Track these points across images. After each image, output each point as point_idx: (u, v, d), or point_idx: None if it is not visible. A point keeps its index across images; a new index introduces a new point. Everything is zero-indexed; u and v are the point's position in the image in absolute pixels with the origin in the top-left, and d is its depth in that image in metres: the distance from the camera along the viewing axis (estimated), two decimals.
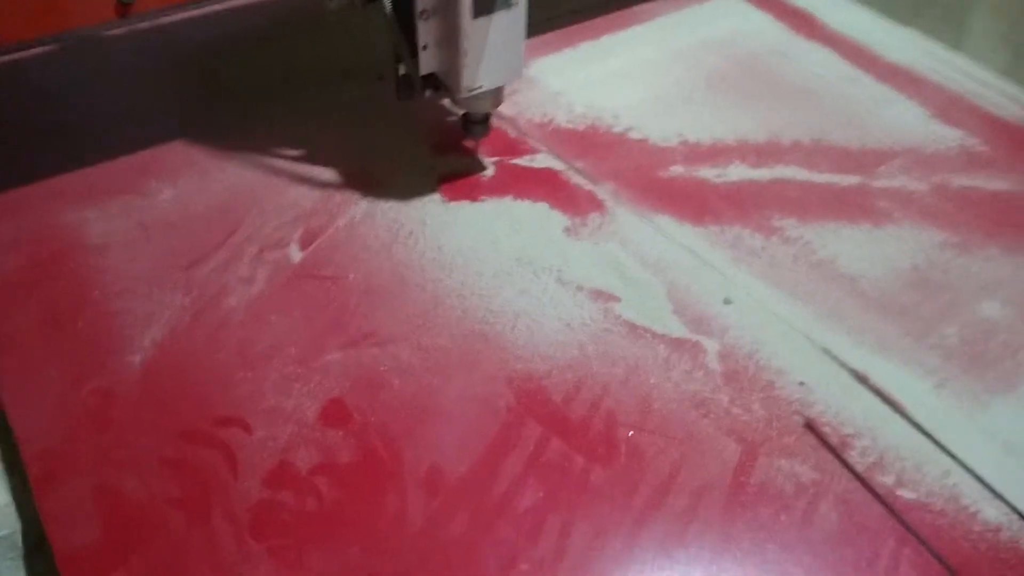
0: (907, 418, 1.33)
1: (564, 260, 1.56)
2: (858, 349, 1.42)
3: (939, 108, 1.95)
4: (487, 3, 1.48)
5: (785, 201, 1.69)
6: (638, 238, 1.60)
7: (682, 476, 1.24)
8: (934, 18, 2.23)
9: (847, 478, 1.25)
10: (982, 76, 2.07)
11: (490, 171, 1.74)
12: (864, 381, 1.38)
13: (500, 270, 1.54)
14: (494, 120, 1.74)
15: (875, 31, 2.19)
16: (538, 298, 1.49)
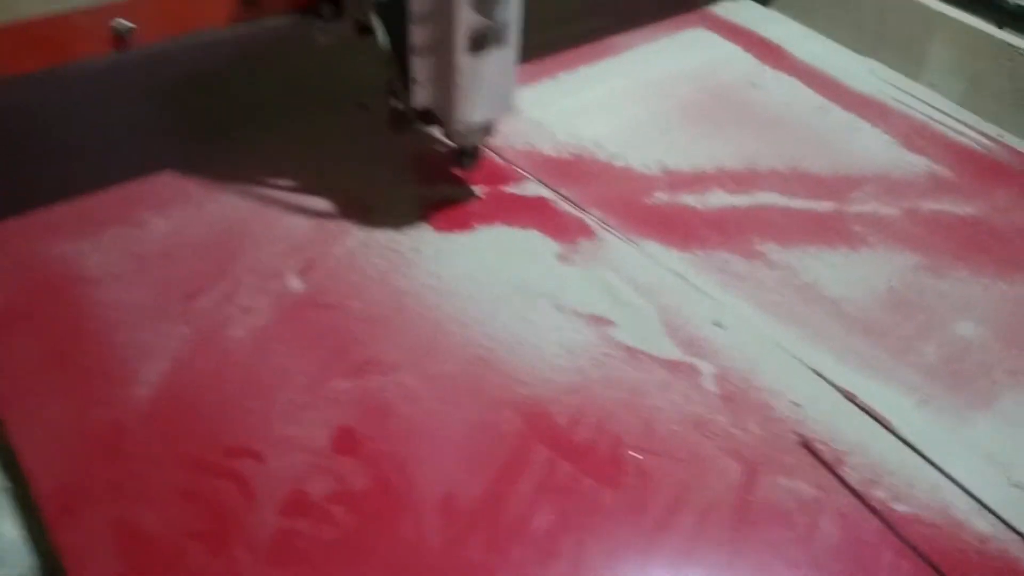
0: (895, 434, 1.39)
1: (559, 286, 1.60)
2: (845, 369, 1.49)
3: (904, 136, 2.04)
4: (481, 41, 1.52)
5: (766, 226, 1.75)
6: (628, 264, 1.65)
7: (688, 496, 1.28)
8: (893, 50, 2.33)
9: (844, 494, 1.31)
10: (942, 105, 2.18)
11: (480, 199, 1.77)
12: (852, 400, 1.44)
13: (497, 296, 1.57)
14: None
15: (839, 62, 2.29)
16: (536, 324, 1.52)
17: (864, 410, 1.42)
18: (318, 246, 1.63)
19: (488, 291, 1.58)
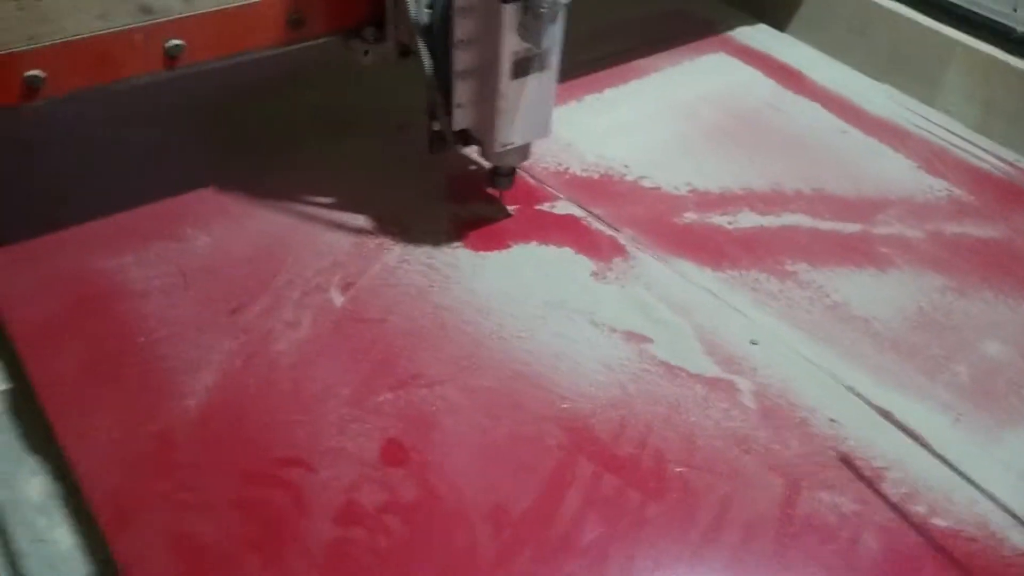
0: (931, 451, 1.42)
1: (594, 303, 1.62)
2: (879, 387, 1.51)
3: (925, 160, 2.08)
4: (525, 65, 1.55)
5: (795, 247, 1.79)
6: (662, 282, 1.68)
7: (733, 510, 1.30)
8: (907, 76, 2.37)
9: (884, 509, 1.33)
10: (958, 130, 2.22)
11: (514, 218, 1.80)
12: (888, 417, 1.46)
13: (534, 313, 1.59)
14: None
15: (857, 87, 2.33)
16: (574, 340, 1.55)
17: (900, 427, 1.45)
18: (358, 262, 1.65)
19: (525, 308, 1.60)
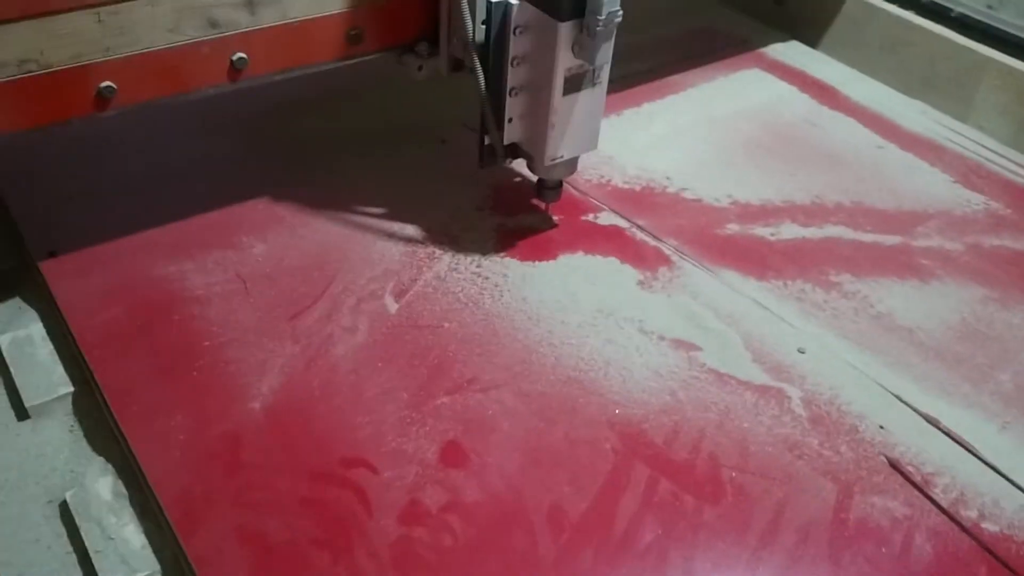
0: (979, 458, 1.44)
1: (643, 311, 1.65)
2: (926, 395, 1.54)
3: (961, 174, 2.11)
4: (576, 82, 1.59)
5: (838, 258, 1.81)
6: (708, 291, 1.71)
7: (787, 514, 1.33)
8: (940, 93, 2.40)
9: (935, 513, 1.35)
10: (992, 145, 2.24)
11: (560, 229, 1.83)
12: (936, 424, 1.49)
13: (584, 321, 1.63)
14: None
15: (891, 103, 2.36)
16: (624, 347, 1.58)
17: (948, 434, 1.47)
18: (409, 270, 1.69)
19: (574, 316, 1.63)
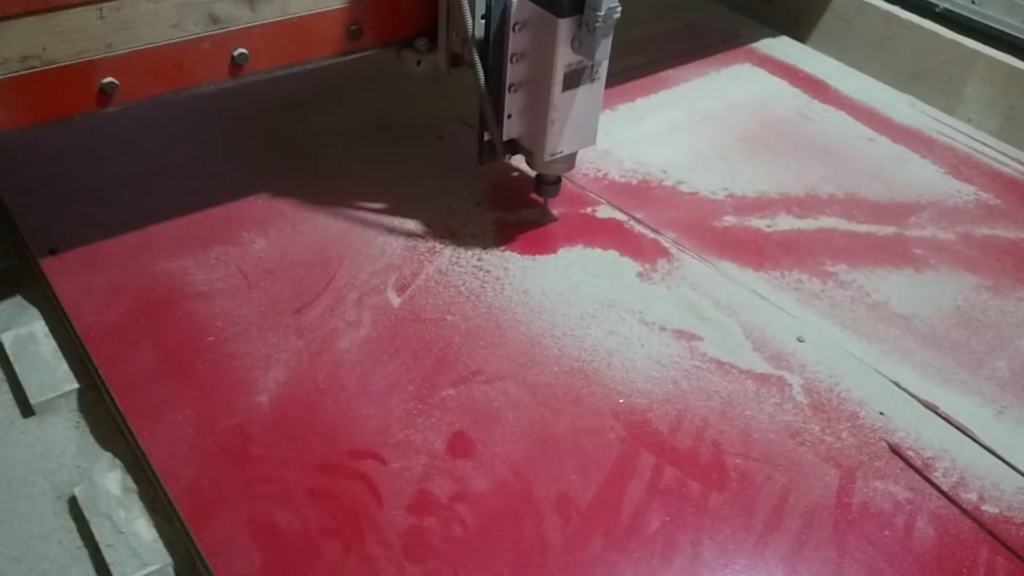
0: (978, 442, 1.46)
1: (643, 303, 1.67)
2: (924, 382, 1.56)
3: (951, 166, 2.13)
4: (575, 77, 1.60)
5: (833, 249, 1.83)
6: (707, 282, 1.72)
7: (792, 499, 1.35)
8: (929, 86, 2.43)
9: (936, 497, 1.37)
10: (980, 137, 2.27)
11: (558, 222, 1.85)
12: (934, 410, 1.51)
13: (585, 312, 1.64)
14: None
15: (882, 96, 2.39)
16: (626, 338, 1.59)
17: (946, 420, 1.49)
18: (411, 265, 1.70)
19: (576, 308, 1.65)
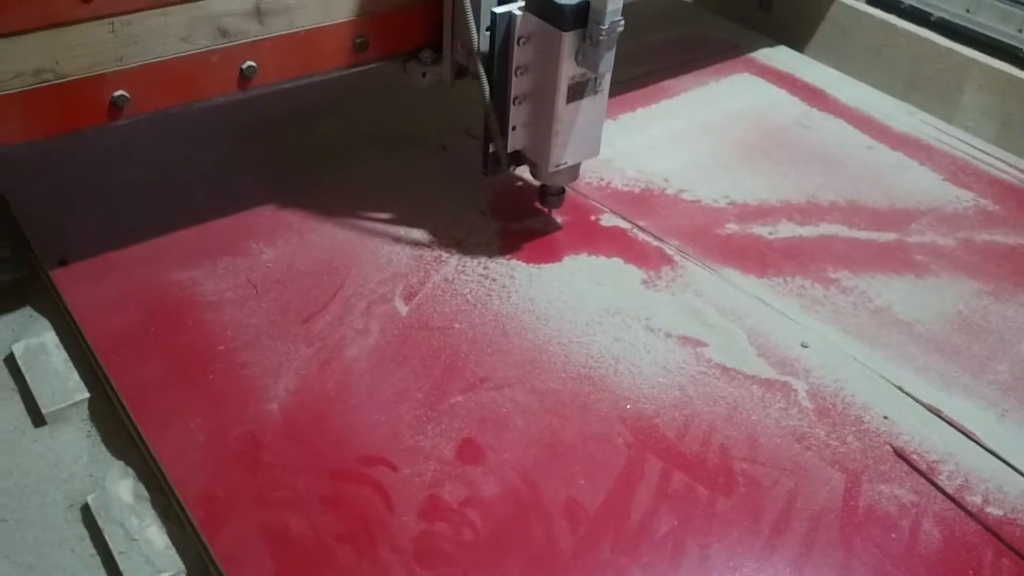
0: (981, 445, 1.48)
1: (648, 310, 1.68)
2: (927, 386, 1.57)
3: (950, 173, 2.15)
4: (579, 90, 1.62)
5: (835, 255, 1.85)
6: (711, 289, 1.74)
7: (799, 502, 1.36)
8: (926, 94, 2.46)
9: (941, 499, 1.39)
10: (978, 144, 2.29)
11: (562, 231, 1.86)
12: (938, 414, 1.52)
13: (591, 319, 1.66)
14: None
15: (880, 105, 2.41)
16: (632, 344, 1.61)
17: (950, 423, 1.51)
18: (417, 273, 1.72)
19: (582, 315, 1.66)
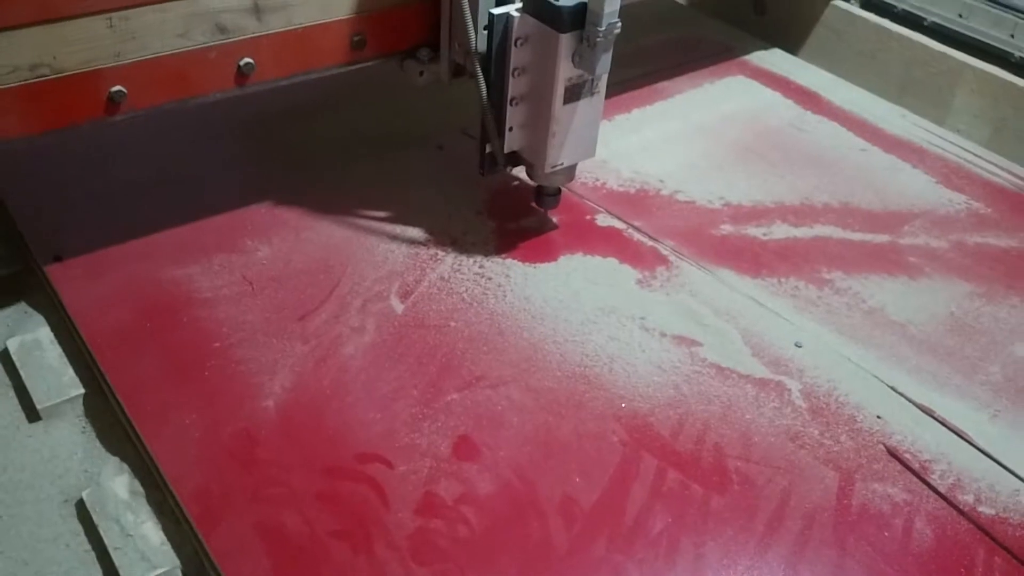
0: (973, 445, 1.49)
1: (643, 309, 1.69)
2: (920, 386, 1.58)
3: (943, 175, 2.17)
4: (576, 91, 1.63)
5: (829, 256, 1.86)
6: (706, 289, 1.75)
7: (792, 501, 1.37)
8: (918, 98, 2.47)
9: (933, 498, 1.40)
10: (970, 147, 2.31)
11: (558, 231, 1.87)
12: (931, 414, 1.53)
13: (586, 319, 1.66)
14: None
15: (873, 107, 2.42)
16: (627, 343, 1.62)
17: (942, 423, 1.52)
18: (413, 272, 1.72)
19: (577, 314, 1.67)
